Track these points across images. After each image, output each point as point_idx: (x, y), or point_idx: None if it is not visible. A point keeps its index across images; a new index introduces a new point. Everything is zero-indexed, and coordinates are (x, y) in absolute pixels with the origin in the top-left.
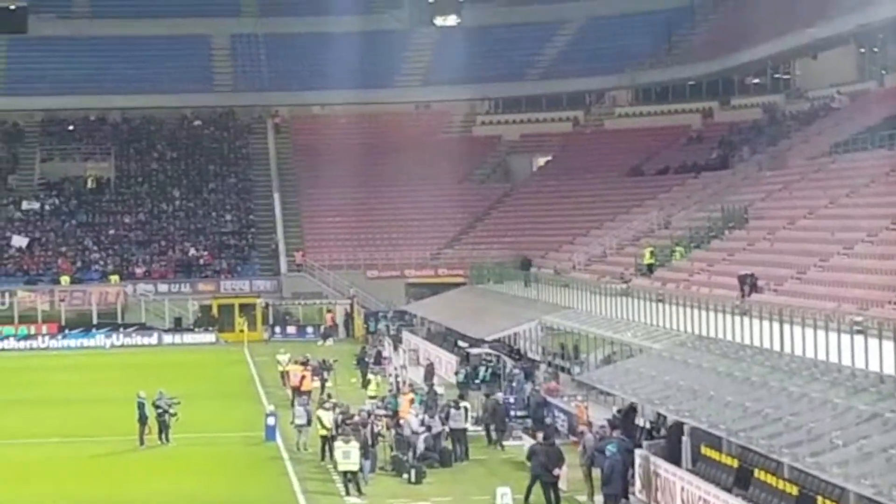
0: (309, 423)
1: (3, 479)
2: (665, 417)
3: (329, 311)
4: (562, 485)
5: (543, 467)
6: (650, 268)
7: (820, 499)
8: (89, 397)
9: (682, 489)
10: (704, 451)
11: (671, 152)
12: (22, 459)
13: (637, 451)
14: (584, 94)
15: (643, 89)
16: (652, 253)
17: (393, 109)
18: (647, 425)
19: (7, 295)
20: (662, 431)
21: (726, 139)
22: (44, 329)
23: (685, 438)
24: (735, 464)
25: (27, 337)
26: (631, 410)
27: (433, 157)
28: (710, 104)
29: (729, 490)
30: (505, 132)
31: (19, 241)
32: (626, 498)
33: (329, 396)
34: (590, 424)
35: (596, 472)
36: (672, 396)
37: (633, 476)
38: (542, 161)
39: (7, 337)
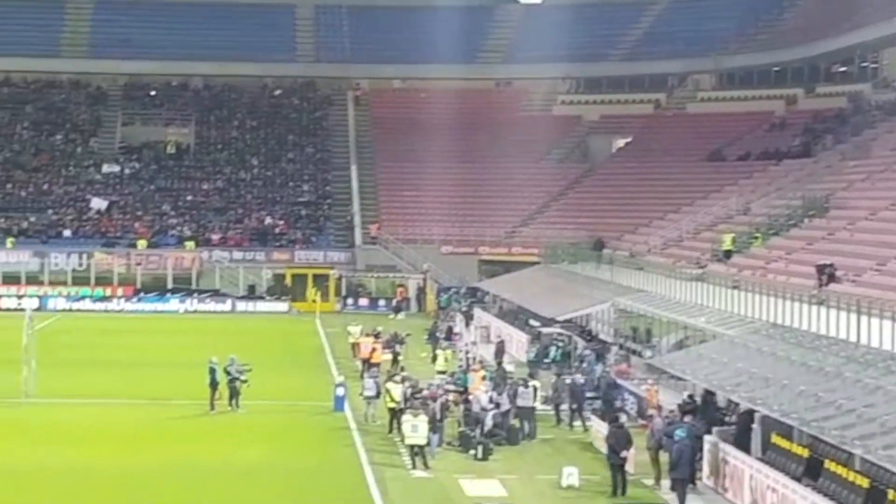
0: (378, 395)
1: (73, 439)
2: (736, 405)
3: (401, 285)
4: (629, 468)
5: (611, 449)
6: (728, 254)
7: (892, 492)
8: (162, 361)
9: (751, 477)
10: (775, 439)
11: (753, 138)
12: (93, 420)
13: (706, 438)
14: (667, 76)
15: (727, 74)
16: (733, 239)
17: (474, 86)
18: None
19: (85, 256)
20: (732, 418)
21: (810, 127)
22: (119, 292)
23: (755, 426)
24: (806, 454)
25: (103, 298)
26: (708, 394)
27: (512, 135)
28: (794, 91)
29: (798, 480)
30: (585, 112)
31: (99, 203)
32: (694, 483)
33: (402, 369)
34: (659, 408)
35: (664, 457)
36: (744, 384)
37: (700, 461)
38: (621, 143)
39: (83, 298)
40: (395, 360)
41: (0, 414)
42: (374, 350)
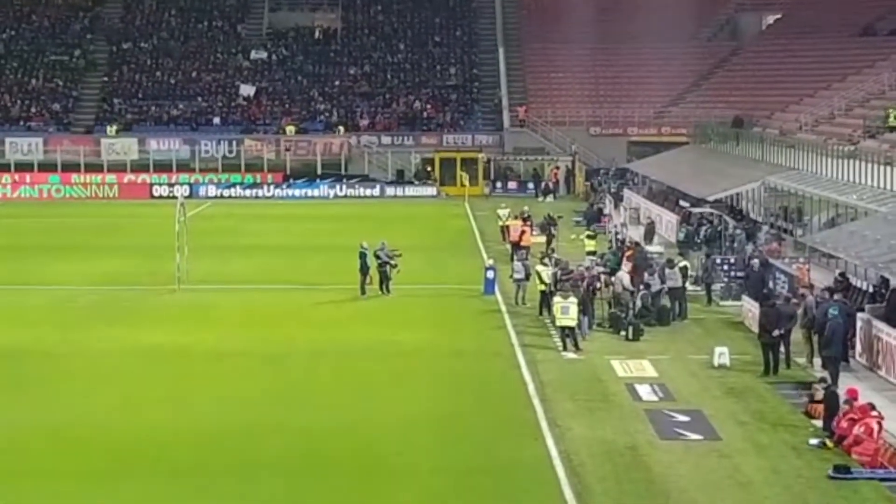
0: (527, 277)
1: (226, 324)
2: (888, 281)
3: (557, 167)
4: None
5: (763, 328)
6: (892, 129)
7: None
8: (312, 246)
9: None
10: None
11: None
12: (245, 305)
13: (859, 315)
14: None
15: None
16: None
17: None
18: (871, 289)
19: (234, 143)
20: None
21: None
22: (269, 178)
23: None
24: None
25: (253, 185)
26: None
27: (660, 14)
28: None
29: None
30: None
31: (247, 90)
32: (846, 361)
33: (552, 251)
34: (811, 287)
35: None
36: None
37: (852, 339)
38: (771, 19)
39: (234, 185)
40: (548, 243)
41: (155, 300)
42: (523, 233)
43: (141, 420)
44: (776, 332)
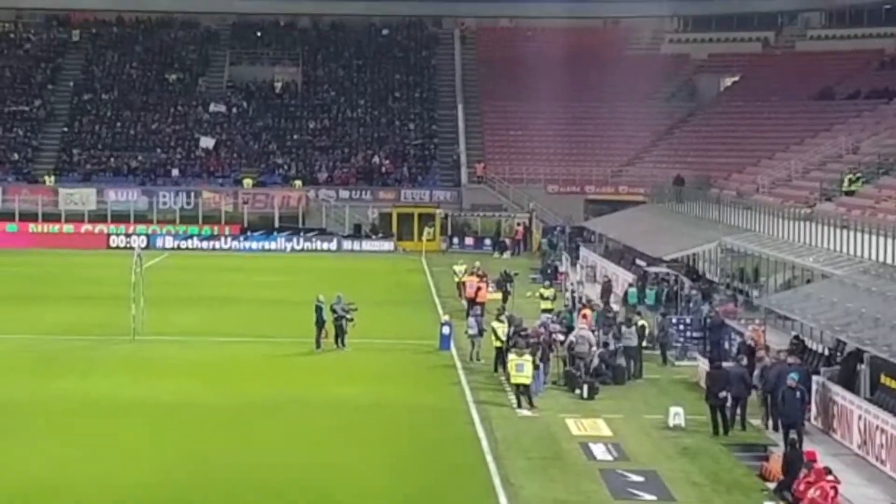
0: (480, 333)
1: (181, 375)
2: (844, 345)
3: (520, 224)
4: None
5: (709, 390)
6: (848, 194)
7: None
8: (268, 299)
9: (860, 417)
10: (884, 380)
11: (863, 77)
12: (200, 357)
13: (814, 378)
14: (777, 14)
15: (837, 11)
16: (857, 179)
17: (580, 24)
18: (826, 352)
19: (192, 195)
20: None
21: None
22: (227, 230)
23: (863, 367)
24: None
25: (210, 237)
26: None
27: (619, 75)
28: None
29: None
30: (693, 51)
31: (207, 142)
32: (802, 424)
33: (503, 309)
34: (767, 349)
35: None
36: (853, 324)
37: (808, 403)
38: (729, 81)
39: (191, 236)
40: (504, 299)
41: (111, 351)
42: (479, 289)
43: (95, 473)
44: (722, 394)
